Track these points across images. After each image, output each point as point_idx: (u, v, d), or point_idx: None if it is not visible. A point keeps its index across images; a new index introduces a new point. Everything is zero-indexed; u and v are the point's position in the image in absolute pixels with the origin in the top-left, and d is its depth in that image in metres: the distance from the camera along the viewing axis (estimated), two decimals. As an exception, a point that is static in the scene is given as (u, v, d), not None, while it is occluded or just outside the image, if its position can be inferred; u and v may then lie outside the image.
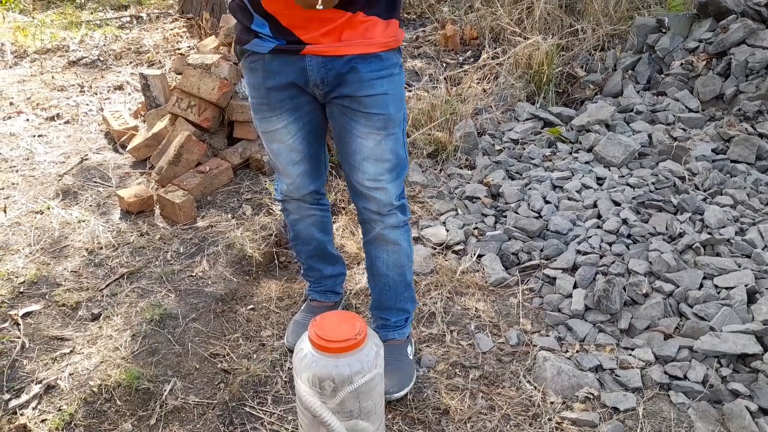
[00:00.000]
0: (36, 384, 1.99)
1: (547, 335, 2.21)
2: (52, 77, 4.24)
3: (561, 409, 1.91)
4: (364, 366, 1.53)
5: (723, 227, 2.53)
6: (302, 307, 2.26)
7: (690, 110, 3.57)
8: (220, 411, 1.93)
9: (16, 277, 2.45)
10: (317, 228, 2.05)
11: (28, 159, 3.27)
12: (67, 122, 3.67)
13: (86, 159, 3.28)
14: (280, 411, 1.92)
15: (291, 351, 2.06)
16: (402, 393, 1.94)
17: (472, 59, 4.50)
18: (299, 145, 1.82)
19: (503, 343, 2.19)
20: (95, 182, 3.10)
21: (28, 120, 3.67)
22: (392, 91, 1.69)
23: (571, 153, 3.30)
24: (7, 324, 2.23)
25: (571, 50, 4.29)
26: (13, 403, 1.91)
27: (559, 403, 1.94)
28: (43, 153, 3.33)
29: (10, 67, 4.50)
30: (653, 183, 2.87)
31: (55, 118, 3.70)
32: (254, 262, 2.55)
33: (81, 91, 4.07)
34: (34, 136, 3.50)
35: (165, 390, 1.98)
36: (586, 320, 2.24)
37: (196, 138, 3.02)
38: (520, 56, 3.95)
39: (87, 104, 3.89)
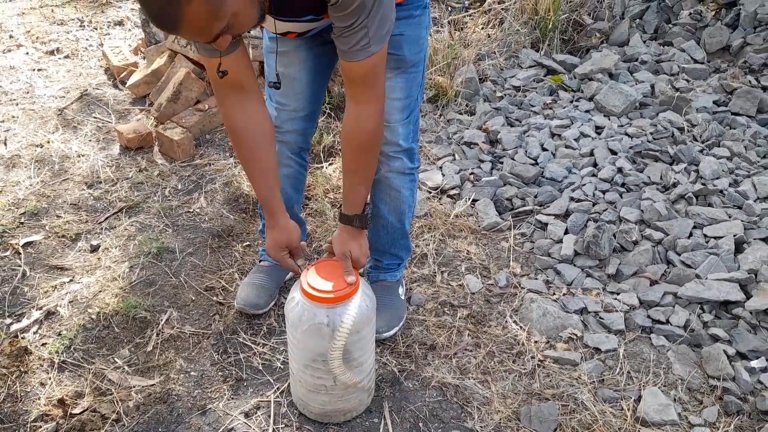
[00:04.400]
0: (37, 310, 2.05)
1: (536, 278, 2.25)
2: (52, 11, 4.19)
3: (544, 348, 1.97)
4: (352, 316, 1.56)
5: (717, 178, 2.54)
6: (253, 269, 2.18)
7: (695, 61, 3.52)
8: (215, 340, 1.99)
9: (17, 208, 2.49)
10: (290, 183, 1.98)
11: (27, 92, 3.27)
12: (66, 57, 3.65)
13: (86, 94, 3.28)
14: (273, 342, 1.99)
15: (241, 313, 2.07)
16: (391, 332, 2.00)
17: (478, 3, 4.42)
18: (306, 75, 1.78)
19: (492, 284, 2.23)
20: (95, 117, 3.11)
21: (27, 53, 3.65)
22: (408, 33, 1.65)
23: (572, 101, 3.28)
24: (8, 252, 2.28)
25: (580, -3, 4.20)
26: (15, 327, 1.98)
27: (542, 342, 2.00)
28: (42, 87, 3.33)
29: (10, 0, 4.45)
30: (651, 133, 2.86)
31: (55, 52, 3.68)
32: (251, 200, 2.58)
33: (81, 26, 4.03)
34: (34, 69, 3.49)
35: (161, 319, 2.05)
36: (574, 265, 2.28)
37: (195, 75, 3.01)
38: (527, 1, 3.88)
39: (87, 39, 3.86)
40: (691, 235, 2.31)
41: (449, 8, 4.33)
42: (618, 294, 2.16)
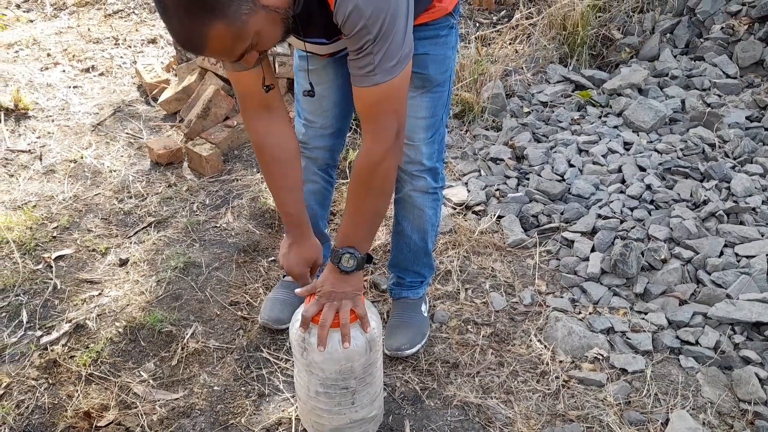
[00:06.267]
0: (66, 323, 2.09)
1: (561, 297, 2.22)
2: (89, 30, 4.31)
3: (569, 368, 1.94)
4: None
5: (749, 196, 2.49)
6: (277, 284, 2.20)
7: (727, 76, 3.46)
8: (238, 355, 2.01)
9: (50, 222, 2.56)
10: (316, 199, 1.99)
11: (63, 109, 3.36)
12: (101, 74, 3.75)
13: (119, 111, 3.36)
14: (295, 358, 1.99)
15: (265, 328, 2.08)
16: (413, 350, 1.99)
17: (506, 19, 4.42)
18: (334, 93, 1.79)
19: (517, 302, 2.21)
20: (127, 133, 3.18)
21: (64, 71, 3.76)
22: (434, 53, 1.65)
23: (600, 117, 3.25)
24: (40, 266, 2.34)
25: (609, 11, 4.17)
26: (45, 339, 2.03)
27: (567, 362, 1.97)
28: (77, 104, 3.42)
29: (49, 19, 4.59)
30: (681, 149, 2.82)
31: (90, 70, 3.78)
32: (276, 216, 2.60)
33: (116, 44, 4.13)
34: (70, 87, 3.59)
35: (186, 333, 2.07)
36: (601, 283, 2.24)
37: (224, 92, 3.06)
38: (555, 17, 3.86)
39: (121, 57, 3.96)
40: (721, 253, 2.26)
41: (477, 24, 4.34)
42: (646, 314, 2.12)
